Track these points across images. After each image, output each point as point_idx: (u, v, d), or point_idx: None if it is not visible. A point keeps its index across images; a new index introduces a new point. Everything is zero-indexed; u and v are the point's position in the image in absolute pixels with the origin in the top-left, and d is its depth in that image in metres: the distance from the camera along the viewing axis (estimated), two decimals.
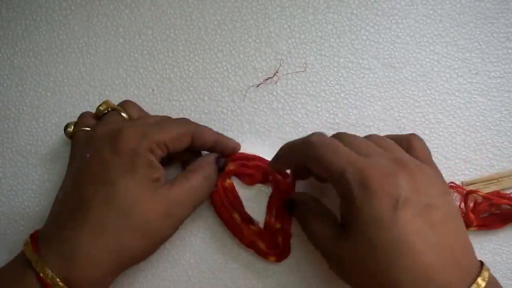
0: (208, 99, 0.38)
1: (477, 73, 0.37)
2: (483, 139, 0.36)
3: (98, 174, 0.30)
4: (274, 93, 0.38)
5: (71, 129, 0.34)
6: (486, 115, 0.36)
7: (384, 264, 0.25)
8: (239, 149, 0.36)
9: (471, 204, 0.35)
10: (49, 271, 0.28)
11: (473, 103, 0.36)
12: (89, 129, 0.34)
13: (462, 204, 0.35)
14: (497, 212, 0.35)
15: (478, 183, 0.35)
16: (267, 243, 0.35)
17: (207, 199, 0.35)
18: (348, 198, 0.27)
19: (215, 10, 0.38)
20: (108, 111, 0.34)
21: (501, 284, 0.27)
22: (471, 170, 0.36)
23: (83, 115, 0.35)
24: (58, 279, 0.28)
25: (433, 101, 0.37)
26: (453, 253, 0.25)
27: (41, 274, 0.28)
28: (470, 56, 0.37)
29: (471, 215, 0.34)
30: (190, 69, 0.38)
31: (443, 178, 0.29)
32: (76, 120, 0.35)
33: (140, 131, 0.31)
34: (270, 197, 0.36)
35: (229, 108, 0.38)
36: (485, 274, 0.26)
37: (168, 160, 0.34)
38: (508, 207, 0.35)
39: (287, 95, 0.37)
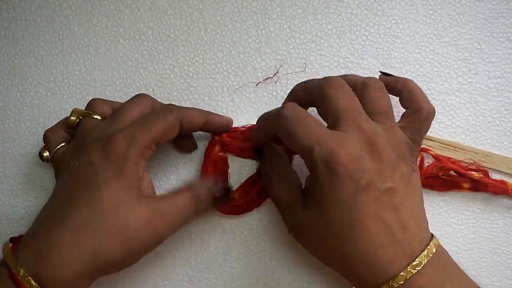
0: (208, 99, 0.38)
1: (477, 73, 0.37)
2: (483, 139, 0.36)
3: (85, 178, 0.30)
4: (274, 93, 0.38)
5: (47, 153, 0.34)
6: (486, 115, 0.36)
7: (339, 241, 0.27)
8: (231, 124, 0.36)
9: (419, 161, 0.35)
10: (22, 270, 0.28)
11: (473, 103, 0.36)
12: (63, 144, 0.34)
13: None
14: (443, 177, 0.35)
15: (435, 141, 0.36)
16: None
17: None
18: (313, 176, 0.28)
19: (215, 10, 0.38)
20: (80, 119, 0.33)
21: (501, 284, 0.28)
22: None
23: (50, 135, 0.34)
24: (29, 277, 0.28)
25: (433, 101, 0.37)
26: (405, 232, 0.27)
27: (13, 271, 0.28)
28: (470, 56, 0.37)
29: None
30: (190, 69, 0.38)
31: (415, 149, 0.29)
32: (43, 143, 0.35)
33: (130, 136, 0.30)
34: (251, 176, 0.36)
35: (229, 108, 0.38)
36: (431, 248, 0.27)
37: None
38: (455, 174, 0.35)
39: (287, 95, 0.37)
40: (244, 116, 0.37)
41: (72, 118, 0.34)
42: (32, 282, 0.28)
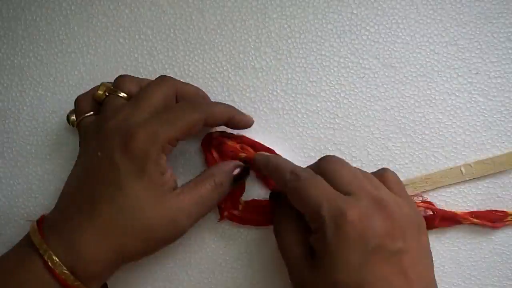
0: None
1: (477, 73, 0.37)
2: (483, 139, 0.36)
3: (108, 175, 0.30)
4: (274, 93, 0.38)
5: (74, 117, 0.35)
6: (486, 115, 0.36)
7: None
8: (252, 123, 0.35)
9: None
10: (57, 259, 0.29)
11: (473, 103, 0.36)
12: (91, 113, 0.34)
13: None
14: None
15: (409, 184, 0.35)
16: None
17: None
18: (320, 234, 0.27)
19: (215, 10, 0.38)
20: (107, 95, 0.33)
21: (501, 284, 0.27)
22: None
23: (81, 101, 0.35)
24: (64, 268, 0.28)
25: (433, 101, 0.37)
26: None
27: (49, 262, 0.28)
28: (470, 56, 0.37)
29: None
30: (190, 69, 0.38)
31: (419, 213, 0.30)
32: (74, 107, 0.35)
33: (152, 133, 0.30)
34: None
35: None
36: None
37: None
38: (431, 212, 0.35)
39: (287, 95, 0.37)
40: None
41: (99, 92, 0.34)
42: (67, 272, 0.28)
